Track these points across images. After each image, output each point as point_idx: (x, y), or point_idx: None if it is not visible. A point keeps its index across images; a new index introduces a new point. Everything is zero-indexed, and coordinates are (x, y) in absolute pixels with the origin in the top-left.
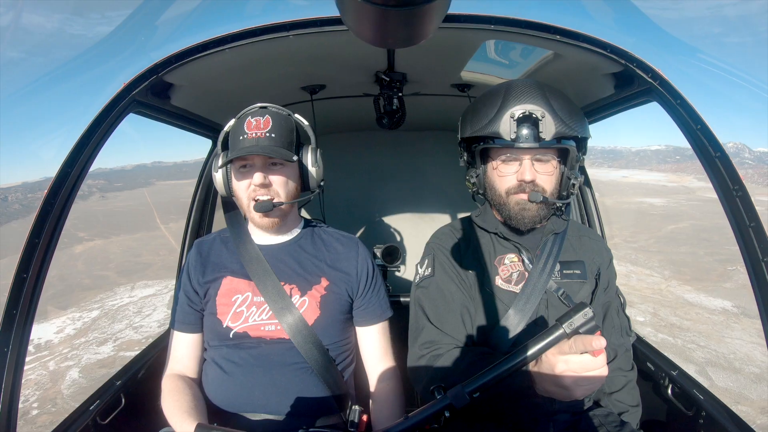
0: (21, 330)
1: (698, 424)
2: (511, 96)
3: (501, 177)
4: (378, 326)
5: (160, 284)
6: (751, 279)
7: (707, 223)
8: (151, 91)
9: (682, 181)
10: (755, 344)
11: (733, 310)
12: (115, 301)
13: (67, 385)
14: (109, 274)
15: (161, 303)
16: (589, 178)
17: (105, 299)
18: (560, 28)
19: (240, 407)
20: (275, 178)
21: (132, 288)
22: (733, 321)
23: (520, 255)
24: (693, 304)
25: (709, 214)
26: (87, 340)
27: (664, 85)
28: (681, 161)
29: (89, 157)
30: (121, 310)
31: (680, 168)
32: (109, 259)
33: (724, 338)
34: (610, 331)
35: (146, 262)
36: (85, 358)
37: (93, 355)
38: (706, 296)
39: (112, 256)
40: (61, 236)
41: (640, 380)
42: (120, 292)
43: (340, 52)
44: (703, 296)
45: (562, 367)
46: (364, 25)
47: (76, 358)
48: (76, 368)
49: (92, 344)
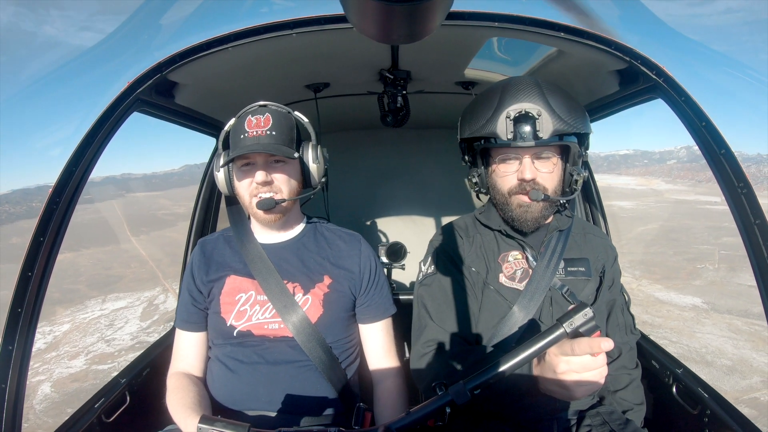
0: (26, 328)
1: (703, 423)
2: (507, 95)
3: (502, 177)
4: (381, 323)
5: (132, 296)
6: (757, 277)
7: (675, 224)
8: (155, 89)
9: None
10: (726, 338)
11: (703, 306)
12: (86, 314)
13: (39, 400)
14: (80, 287)
15: (133, 315)
16: (593, 174)
17: (76, 312)
18: (564, 25)
19: (244, 404)
20: (277, 176)
21: (103, 301)
22: (703, 317)
23: (524, 252)
24: (664, 302)
25: (678, 215)
26: (58, 354)
27: (669, 82)
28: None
29: (94, 156)
30: (93, 323)
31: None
32: (79, 272)
33: (695, 333)
34: (614, 329)
35: (117, 275)
36: (56, 373)
37: (65, 369)
38: (676, 294)
39: (83, 269)
40: (26, 243)
41: (645, 378)
42: (91, 306)
43: (344, 50)
44: (673, 294)
45: (564, 367)
46: (367, 22)
47: (47, 372)
48: (47, 383)
49: (64, 358)
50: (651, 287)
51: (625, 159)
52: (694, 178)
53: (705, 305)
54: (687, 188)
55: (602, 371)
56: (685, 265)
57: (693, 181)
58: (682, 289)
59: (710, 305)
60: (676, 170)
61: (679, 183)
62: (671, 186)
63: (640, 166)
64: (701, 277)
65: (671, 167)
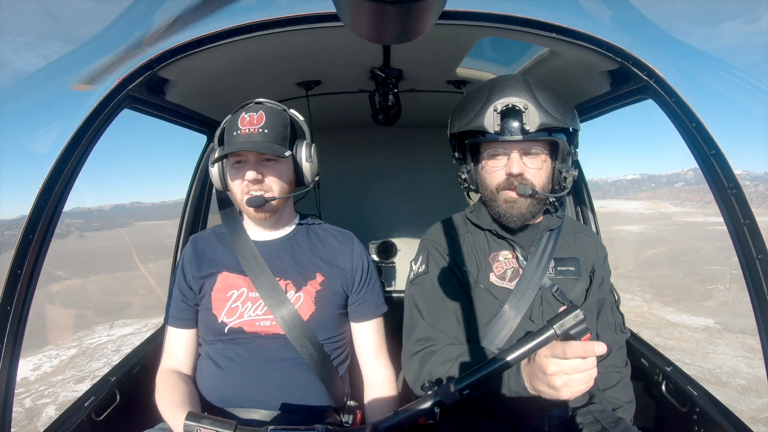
0: (15, 327)
1: (692, 420)
2: (495, 90)
3: (490, 173)
4: (372, 322)
5: (139, 323)
6: (746, 277)
7: (685, 246)
8: (146, 86)
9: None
10: (740, 358)
11: (716, 327)
12: (93, 339)
13: (44, 423)
14: (88, 312)
15: (140, 341)
16: (584, 174)
17: (83, 337)
18: (556, 25)
19: (235, 402)
20: (269, 174)
21: (110, 327)
22: (716, 337)
23: (514, 252)
24: (676, 324)
25: (687, 237)
26: (64, 377)
27: (660, 83)
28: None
29: (83, 153)
30: (99, 348)
31: (656, 195)
32: (87, 298)
33: (708, 354)
34: (604, 328)
35: (125, 302)
36: (62, 396)
37: (70, 392)
38: (688, 315)
39: (91, 295)
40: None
41: (634, 377)
42: (98, 331)
43: (336, 48)
44: (685, 316)
45: (554, 368)
46: (360, 21)
47: (53, 395)
48: (52, 405)
49: (69, 382)
50: (662, 310)
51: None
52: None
53: (717, 326)
54: (695, 210)
55: (592, 373)
56: (696, 286)
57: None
58: (693, 310)
59: (723, 325)
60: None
61: (687, 205)
62: (679, 209)
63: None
64: (713, 297)
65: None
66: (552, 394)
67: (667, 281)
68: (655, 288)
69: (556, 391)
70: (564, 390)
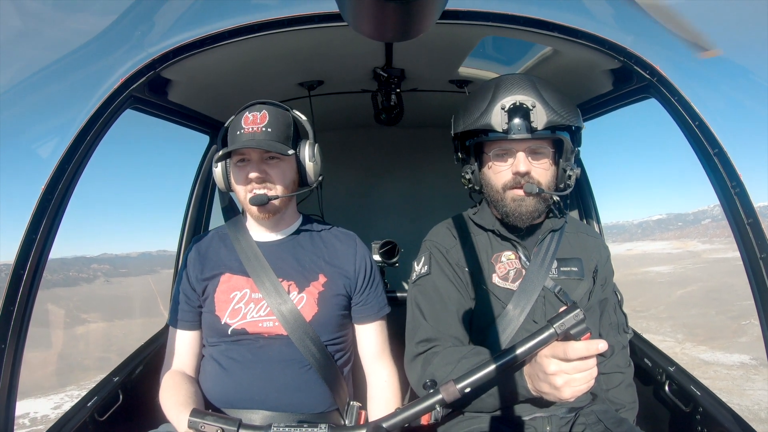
0: (18, 326)
1: (695, 420)
2: (501, 88)
3: (496, 173)
4: (376, 323)
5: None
6: (749, 276)
7: (716, 283)
8: (148, 87)
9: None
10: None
11: (752, 363)
12: None
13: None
14: (111, 356)
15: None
16: (587, 173)
17: None
18: (558, 24)
19: (238, 403)
20: (272, 172)
21: None
22: (752, 373)
23: (517, 252)
24: (710, 363)
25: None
26: None
27: (662, 81)
28: (683, 227)
29: (86, 153)
30: None
31: (683, 234)
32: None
33: (745, 391)
34: (607, 328)
35: None
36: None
37: None
38: (722, 353)
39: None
40: (62, 312)
41: (638, 377)
42: None
43: (338, 47)
44: (719, 354)
45: (554, 368)
46: (362, 19)
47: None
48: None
49: None
50: (695, 349)
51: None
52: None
53: (753, 361)
54: (724, 246)
55: (592, 372)
56: (729, 323)
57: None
58: (727, 348)
59: (759, 361)
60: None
61: (715, 242)
62: (708, 246)
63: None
64: (747, 333)
65: (706, 227)
66: (553, 394)
67: (699, 320)
68: (687, 327)
69: (558, 390)
70: (565, 390)
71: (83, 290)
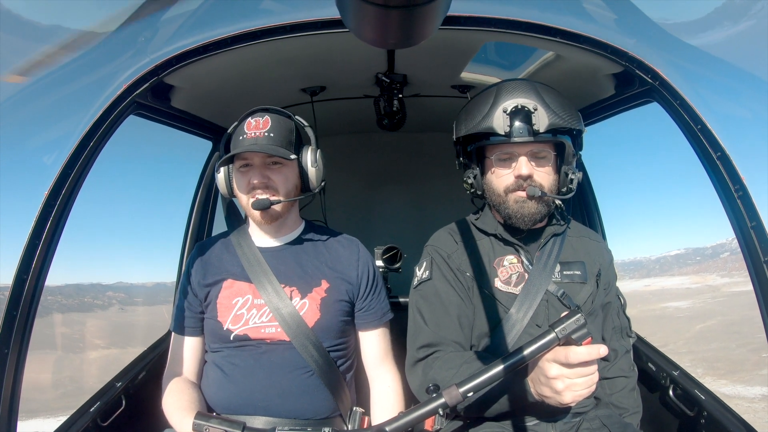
0: (21, 331)
1: (700, 425)
2: (502, 92)
3: (499, 177)
4: (379, 329)
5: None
6: (753, 279)
7: (736, 316)
8: (151, 92)
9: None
10: None
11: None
12: None
13: None
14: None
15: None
16: (589, 176)
17: None
18: (560, 29)
19: (241, 409)
20: (274, 178)
21: None
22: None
23: (519, 256)
24: (731, 397)
25: (737, 307)
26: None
27: (665, 85)
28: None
29: (89, 159)
30: None
31: (702, 268)
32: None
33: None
34: (610, 332)
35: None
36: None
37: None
38: (743, 387)
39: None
40: (76, 336)
41: (642, 381)
42: None
43: (341, 53)
44: (740, 387)
45: (556, 372)
46: (364, 26)
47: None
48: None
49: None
50: (716, 383)
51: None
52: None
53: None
54: (743, 279)
55: (594, 377)
56: (750, 356)
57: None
58: (749, 381)
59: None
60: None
61: (734, 275)
62: (727, 279)
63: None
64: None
65: (725, 260)
66: (555, 398)
67: (719, 354)
68: (707, 362)
69: (559, 395)
70: (566, 394)
71: (97, 316)
